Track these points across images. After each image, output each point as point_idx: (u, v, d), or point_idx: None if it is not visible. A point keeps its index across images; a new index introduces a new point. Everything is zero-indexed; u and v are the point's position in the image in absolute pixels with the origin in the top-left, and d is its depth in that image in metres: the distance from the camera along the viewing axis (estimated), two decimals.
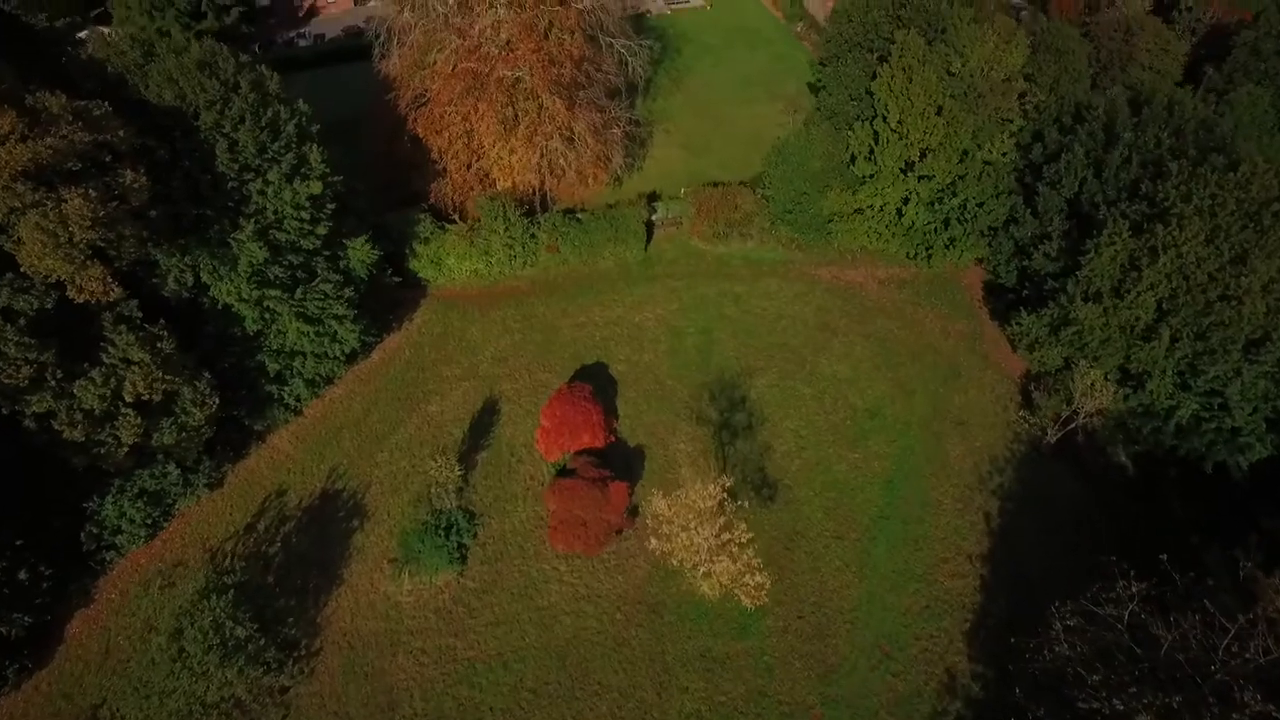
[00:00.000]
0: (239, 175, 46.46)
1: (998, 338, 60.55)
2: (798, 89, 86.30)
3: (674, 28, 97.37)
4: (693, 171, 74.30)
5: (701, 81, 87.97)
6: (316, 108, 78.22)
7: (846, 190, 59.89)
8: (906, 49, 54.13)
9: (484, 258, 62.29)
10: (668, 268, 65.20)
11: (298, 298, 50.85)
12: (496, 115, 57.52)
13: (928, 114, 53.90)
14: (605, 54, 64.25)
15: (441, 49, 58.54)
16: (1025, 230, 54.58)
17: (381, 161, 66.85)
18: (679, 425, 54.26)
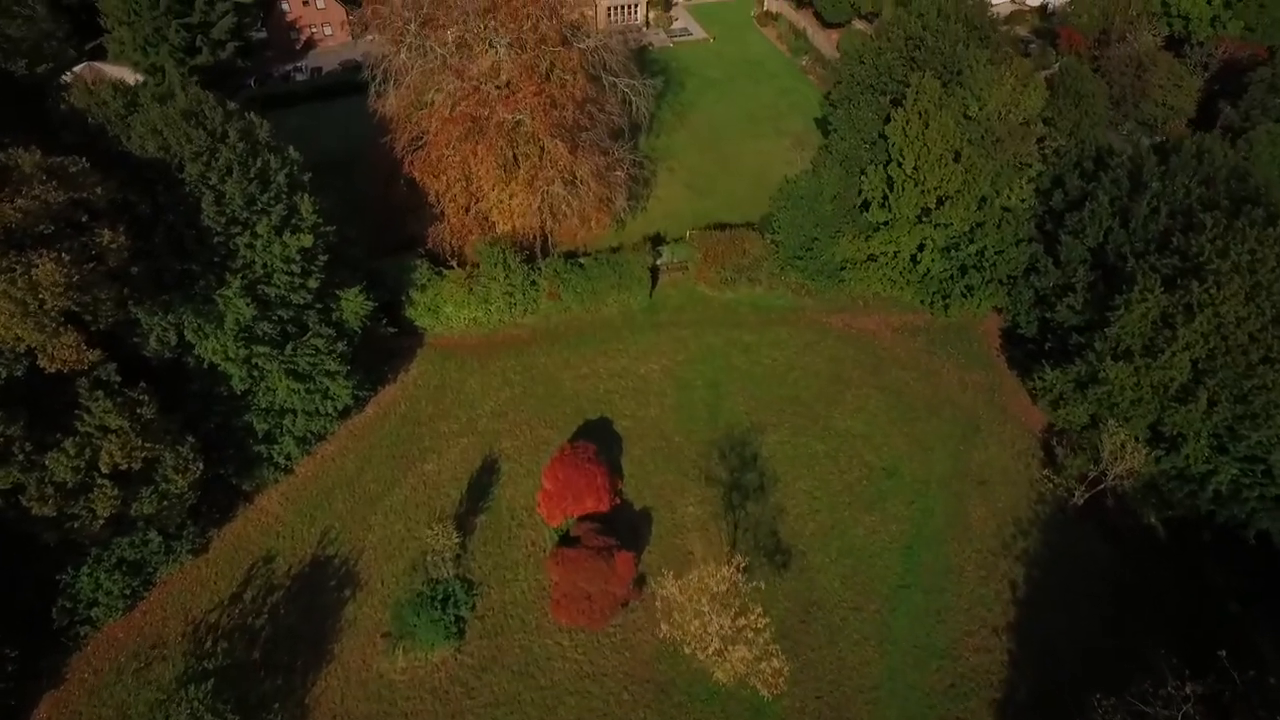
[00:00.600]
0: (226, 229, 44.18)
1: (1017, 389, 58.19)
2: (804, 125, 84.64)
3: (677, 61, 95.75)
4: (698, 212, 72.25)
5: (706, 117, 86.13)
6: (312, 144, 76.32)
7: (859, 236, 57.73)
8: (922, 92, 52.12)
9: (483, 305, 59.97)
10: (673, 315, 62.88)
11: (288, 354, 48.41)
12: (496, 159, 55.44)
13: (945, 160, 51.81)
14: (608, 94, 62.25)
15: (439, 90, 56.45)
16: (1047, 280, 52.37)
17: (377, 203, 64.79)
18: (687, 486, 51.73)
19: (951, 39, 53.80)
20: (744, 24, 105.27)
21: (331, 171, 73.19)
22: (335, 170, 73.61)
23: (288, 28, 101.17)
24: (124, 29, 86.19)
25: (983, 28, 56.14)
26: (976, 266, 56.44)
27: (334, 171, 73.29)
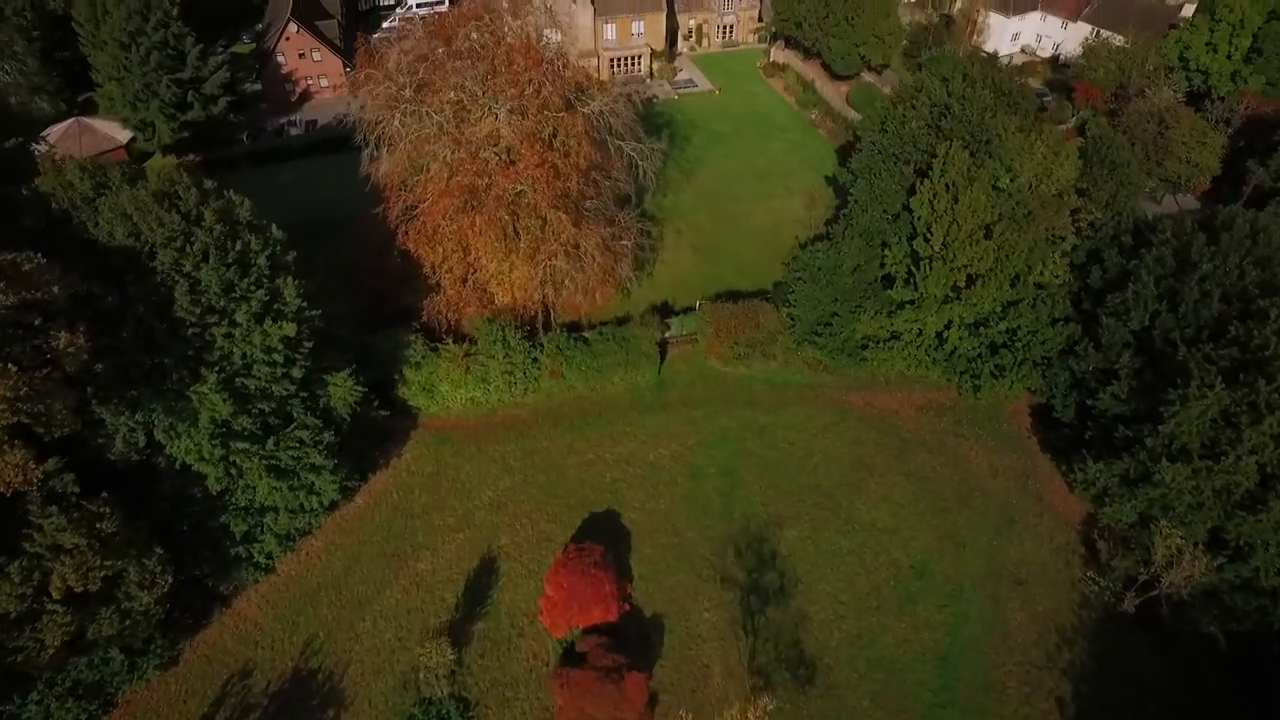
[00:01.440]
0: (201, 319, 40.57)
1: (1051, 474, 54.30)
2: (815, 181, 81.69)
3: (682, 114, 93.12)
4: (707, 277, 68.87)
5: (713, 174, 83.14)
6: (305, 201, 73.45)
7: (881, 312, 54.17)
8: (950, 163, 48.87)
9: (481, 385, 56.28)
10: (684, 393, 59.16)
11: (269, 449, 44.59)
12: (496, 232, 52.04)
13: (976, 237, 48.41)
14: (614, 158, 59.10)
15: (435, 158, 53.20)
16: (1086, 364, 48.75)
17: (370, 271, 61.37)
18: (701, 589, 47.64)
19: (979, 106, 50.71)
20: (750, 75, 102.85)
21: (325, 230, 70.35)
22: (329, 229, 70.71)
23: (283, 80, 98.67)
24: (113, 85, 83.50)
25: (1011, 93, 53.10)
26: (1008, 345, 52.84)
27: (327, 230, 70.43)
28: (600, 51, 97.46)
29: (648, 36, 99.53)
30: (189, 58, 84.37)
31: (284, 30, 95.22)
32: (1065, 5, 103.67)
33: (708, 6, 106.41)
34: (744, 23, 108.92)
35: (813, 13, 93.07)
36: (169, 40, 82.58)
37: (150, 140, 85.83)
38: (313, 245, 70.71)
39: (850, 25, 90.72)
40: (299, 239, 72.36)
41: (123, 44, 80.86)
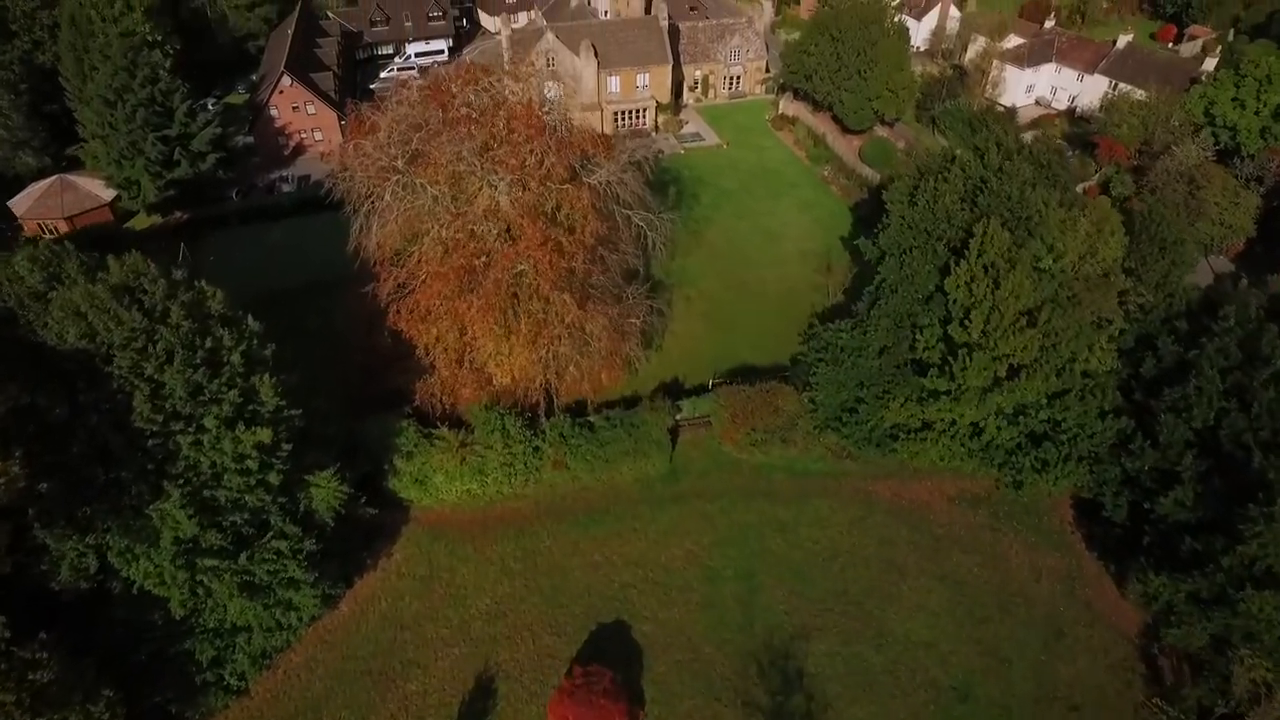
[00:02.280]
0: (164, 426, 36.24)
1: (1100, 576, 49.70)
2: (829, 243, 77.88)
3: (689, 169, 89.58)
4: (719, 350, 64.69)
5: (723, 235, 79.32)
6: (295, 262, 69.40)
7: (912, 400, 49.87)
8: (989, 243, 44.88)
9: (478, 477, 51.87)
10: (697, 482, 54.69)
11: (241, 564, 40.04)
12: (495, 315, 47.89)
13: (1019, 324, 44.30)
14: (622, 228, 55.13)
15: (428, 235, 49.19)
16: (1141, 462, 44.43)
17: (359, 348, 57.26)
18: (721, 714, 42.83)
19: (1019, 180, 46.85)
20: (759, 128, 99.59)
21: (315, 295, 66.59)
22: (319, 293, 67.01)
23: (276, 133, 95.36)
24: (98, 142, 80.00)
25: (1050, 165, 49.34)
26: (1050, 436, 48.48)
27: (318, 294, 66.68)
28: (604, 105, 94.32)
29: (653, 89, 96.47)
30: (177, 114, 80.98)
31: (277, 83, 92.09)
32: (1081, 58, 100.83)
33: (714, 57, 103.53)
34: (751, 73, 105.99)
35: (824, 66, 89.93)
36: (156, 97, 79.25)
37: (135, 199, 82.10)
38: (301, 311, 67.63)
39: (863, 79, 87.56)
40: (287, 304, 69.79)
41: (108, 101, 77.47)
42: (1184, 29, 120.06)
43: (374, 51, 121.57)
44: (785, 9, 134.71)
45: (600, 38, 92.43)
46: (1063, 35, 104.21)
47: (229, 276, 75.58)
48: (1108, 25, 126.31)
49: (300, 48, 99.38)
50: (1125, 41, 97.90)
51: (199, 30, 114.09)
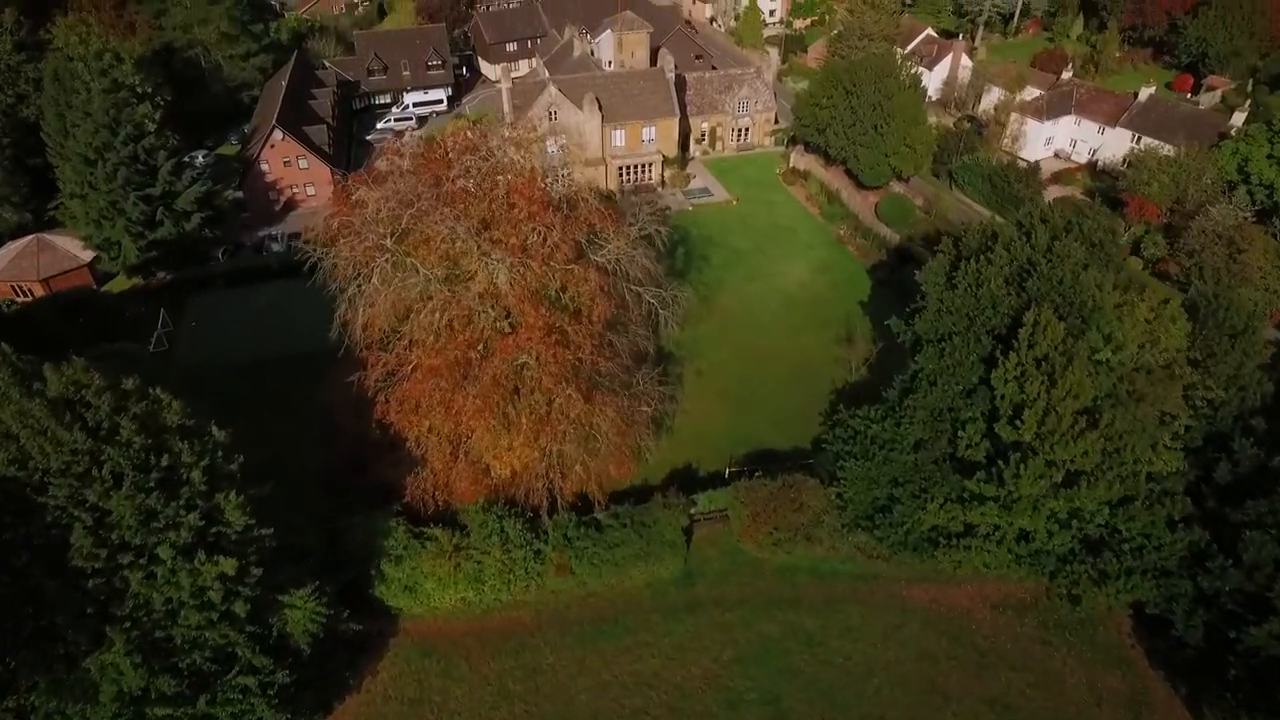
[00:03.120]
0: (109, 561, 31.41)
1: (1170, 701, 44.40)
2: (849, 310, 73.49)
3: (698, 227, 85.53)
4: (735, 431, 60.03)
5: (736, 300, 75.00)
6: (281, 329, 64.89)
7: (953, 500, 45.04)
8: (1041, 334, 40.36)
9: (474, 584, 46.94)
10: (714, 587, 49.69)
11: (201, 709, 34.96)
12: (493, 411, 43.24)
13: (1078, 428, 39.64)
14: (632, 306, 50.71)
15: (418, 323, 44.67)
16: (1222, 583, 39.49)
17: (343, 441, 52.61)
18: None
19: (1071, 263, 42.45)
20: (769, 183, 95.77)
21: (301, 367, 62.15)
22: (306, 365, 62.46)
23: (266, 188, 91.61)
24: (77, 202, 75.97)
25: (1104, 245, 45.03)
26: (1109, 543, 43.60)
27: (303, 367, 62.20)
28: (608, 159, 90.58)
29: (659, 143, 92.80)
30: (161, 172, 77.22)
31: (268, 137, 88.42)
32: (1101, 110, 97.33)
33: (721, 109, 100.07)
34: (760, 125, 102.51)
35: (838, 120, 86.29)
36: (139, 154, 75.47)
37: (115, 260, 77.86)
38: (286, 385, 63.10)
39: (879, 134, 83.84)
40: (272, 376, 65.23)
41: (88, 159, 73.72)
42: (1201, 79, 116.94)
43: (371, 101, 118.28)
44: (791, 57, 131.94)
45: (604, 90, 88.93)
46: (1081, 87, 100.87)
47: (211, 344, 71.64)
48: (1121, 75, 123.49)
49: (294, 99, 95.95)
50: (1148, 94, 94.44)
51: (192, 80, 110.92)
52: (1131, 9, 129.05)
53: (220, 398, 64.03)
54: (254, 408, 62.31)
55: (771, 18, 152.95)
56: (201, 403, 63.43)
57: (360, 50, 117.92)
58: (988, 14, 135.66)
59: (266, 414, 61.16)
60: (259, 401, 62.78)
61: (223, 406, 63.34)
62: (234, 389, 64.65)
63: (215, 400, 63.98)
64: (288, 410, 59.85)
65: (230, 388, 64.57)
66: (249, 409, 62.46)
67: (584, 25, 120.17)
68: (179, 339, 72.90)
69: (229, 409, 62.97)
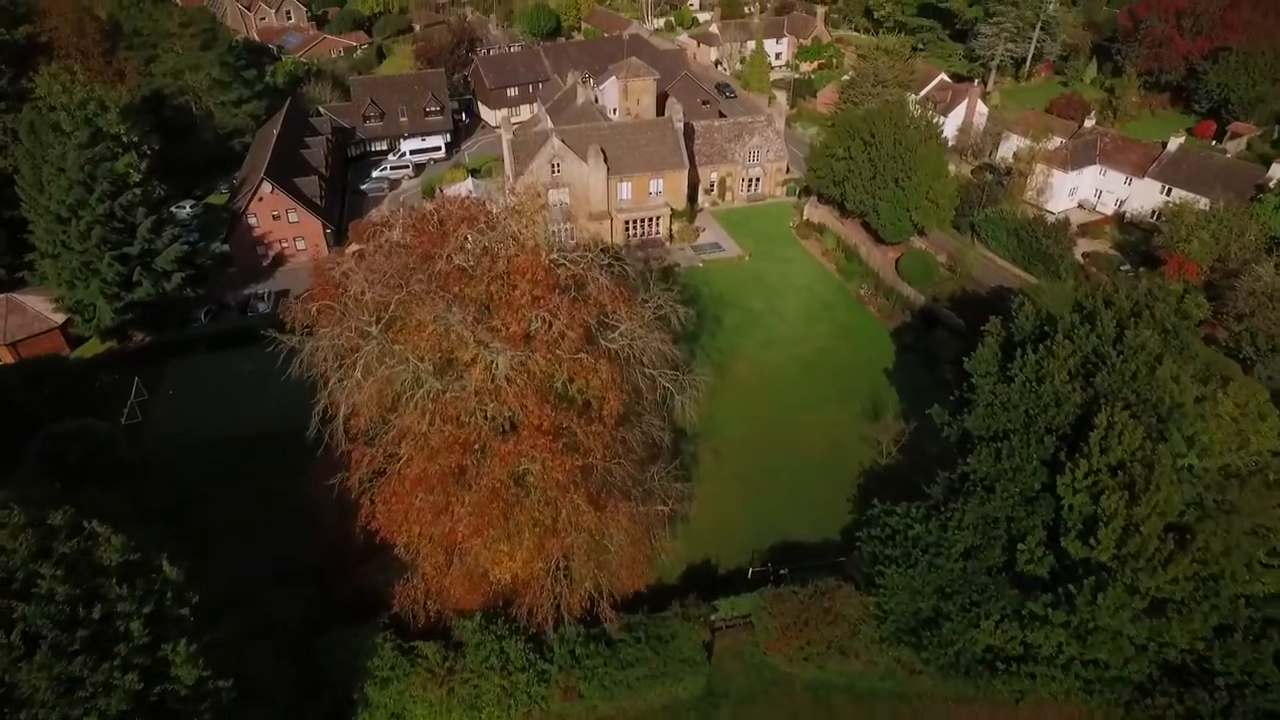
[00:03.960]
0: None
1: None
2: (874, 380, 68.46)
3: (709, 286, 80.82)
4: (756, 520, 54.73)
5: (752, 368, 70.00)
6: (264, 399, 59.76)
7: (1010, 617, 39.65)
8: (1117, 439, 35.29)
9: (470, 712, 41.42)
10: (739, 708, 44.07)
11: None
12: (492, 522, 38.02)
13: (1165, 549, 34.42)
14: (645, 393, 45.71)
15: (406, 408, 39.60)
16: None
17: (330, 537, 47.29)
18: None
19: (1146, 356, 37.50)
20: (782, 236, 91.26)
21: (285, 445, 56.49)
22: (290, 444, 56.84)
23: (254, 243, 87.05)
24: (49, 261, 71.28)
25: (1179, 331, 40.12)
26: (1194, 672, 38.13)
27: (289, 445, 56.61)
28: (614, 213, 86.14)
29: (668, 196, 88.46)
30: (140, 229, 72.61)
31: (256, 190, 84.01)
32: (1127, 160, 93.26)
33: (731, 158, 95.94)
34: (771, 175, 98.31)
35: (857, 172, 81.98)
36: (116, 211, 70.87)
37: (90, 322, 72.93)
38: (267, 465, 57.75)
39: (900, 188, 79.46)
40: (253, 455, 59.83)
41: (61, 218, 69.09)
42: (1224, 126, 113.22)
43: (367, 148, 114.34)
44: (800, 102, 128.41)
45: (610, 141, 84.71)
46: (1105, 135, 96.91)
47: (189, 415, 66.43)
48: (1140, 120, 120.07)
49: (285, 149, 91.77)
50: (1177, 144, 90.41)
51: (182, 127, 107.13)
52: (1147, 54, 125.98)
53: (192, 482, 59.08)
54: (229, 494, 57.26)
55: (777, 61, 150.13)
56: (163, 494, 58.86)
57: (356, 96, 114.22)
58: (1000, 58, 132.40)
59: (242, 502, 56.06)
60: (235, 485, 57.69)
61: (196, 490, 58.51)
62: (209, 470, 59.63)
63: (187, 484, 59.20)
64: (266, 498, 54.59)
65: (205, 469, 59.56)
66: (224, 495, 57.43)
67: (587, 71, 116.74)
68: (154, 409, 67.71)
69: (202, 494, 58.05)
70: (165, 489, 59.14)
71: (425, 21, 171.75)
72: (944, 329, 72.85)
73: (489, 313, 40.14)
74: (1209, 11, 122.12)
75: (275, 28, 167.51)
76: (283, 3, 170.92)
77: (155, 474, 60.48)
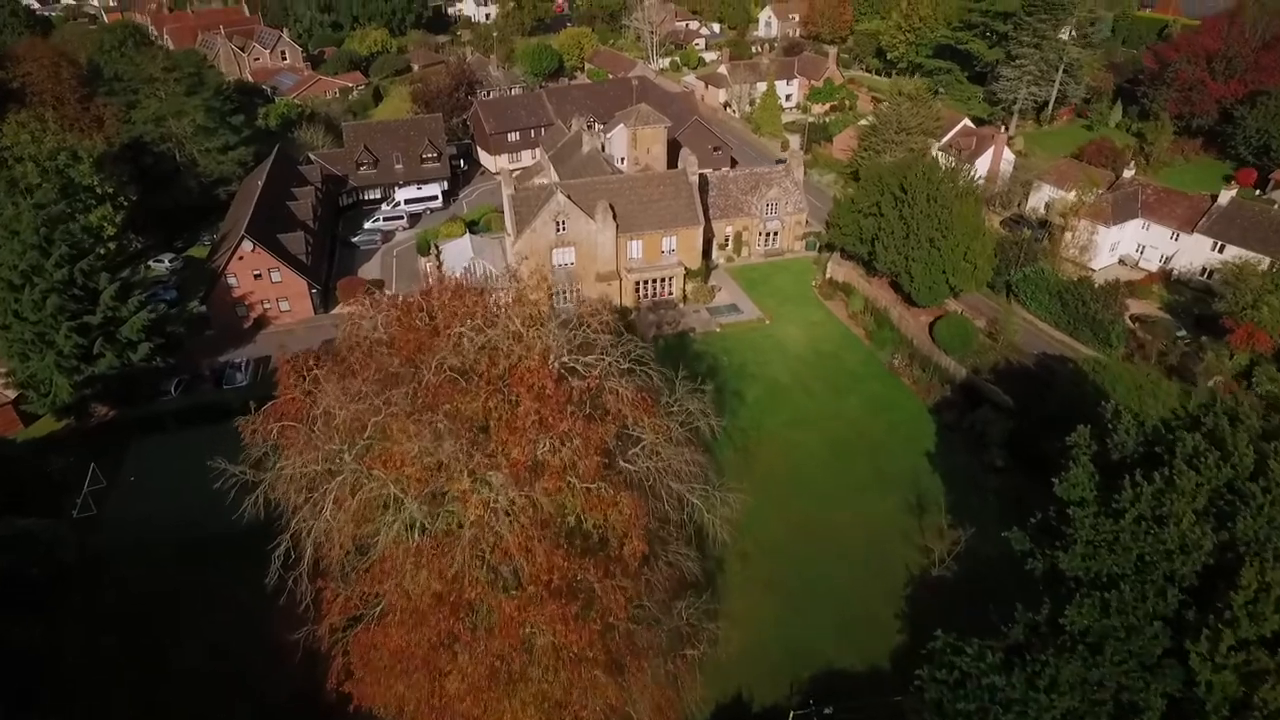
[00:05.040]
0: None
1: None
2: (915, 465, 61.48)
3: (727, 354, 74.13)
4: (793, 640, 47.65)
5: (779, 451, 62.91)
6: (237, 491, 52.59)
7: None
8: (1273, 604, 28.16)
9: None
10: None
11: None
12: (492, 709, 30.75)
13: None
14: (670, 512, 38.66)
15: (382, 542, 32.54)
16: None
17: (299, 684, 39.90)
18: None
19: None
20: (804, 297, 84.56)
21: (258, 548, 49.53)
22: (263, 545, 49.88)
23: (234, 304, 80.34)
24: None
25: None
26: None
27: (262, 547, 49.66)
28: (624, 273, 79.57)
29: (681, 254, 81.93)
30: (103, 296, 65.72)
31: (236, 247, 77.42)
32: (1173, 214, 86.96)
33: (748, 211, 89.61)
34: (790, 228, 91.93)
35: (887, 231, 75.53)
36: (75, 277, 64.08)
37: (45, 398, 65.84)
38: (234, 573, 50.03)
39: (935, 248, 72.93)
40: (219, 559, 52.24)
41: (13, 285, 62.28)
42: (1268, 174, 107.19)
43: (359, 197, 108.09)
44: (815, 147, 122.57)
45: (620, 196, 78.38)
46: (1147, 186, 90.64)
47: (150, 507, 58.79)
48: (1173, 168, 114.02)
49: (269, 202, 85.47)
50: (1229, 197, 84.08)
51: (164, 176, 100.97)
52: (1177, 97, 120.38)
53: (152, 586, 52.12)
54: (194, 601, 50.41)
55: (788, 102, 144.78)
56: (118, 600, 51.62)
57: (348, 142, 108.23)
58: (1023, 102, 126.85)
59: (208, 614, 49.19)
60: (201, 592, 50.83)
61: (156, 596, 51.19)
62: (172, 572, 52.83)
63: (145, 589, 52.08)
64: (237, 608, 47.46)
65: (168, 571, 52.82)
66: (188, 603, 50.58)
67: (592, 115, 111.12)
68: (112, 499, 60.56)
69: (163, 600, 50.82)
70: (121, 594, 52.19)
71: (423, 62, 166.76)
72: (989, 406, 65.95)
73: (486, 433, 33.24)
74: (1242, 54, 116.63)
75: (269, 68, 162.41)
76: (277, 43, 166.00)
77: (111, 575, 53.57)
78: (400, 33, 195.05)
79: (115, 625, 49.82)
